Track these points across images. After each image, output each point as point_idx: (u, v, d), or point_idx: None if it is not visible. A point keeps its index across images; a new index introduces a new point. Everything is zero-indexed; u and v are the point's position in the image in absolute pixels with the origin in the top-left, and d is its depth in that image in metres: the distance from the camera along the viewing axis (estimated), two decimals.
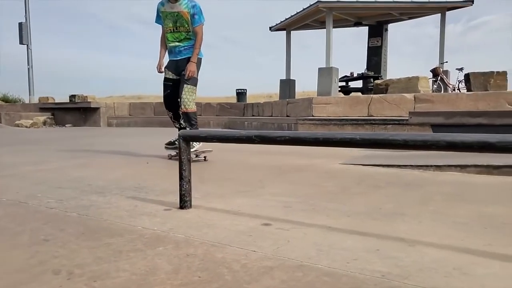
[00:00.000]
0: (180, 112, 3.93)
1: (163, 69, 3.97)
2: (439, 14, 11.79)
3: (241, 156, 4.28)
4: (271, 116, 9.99)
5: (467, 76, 8.66)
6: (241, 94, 14.79)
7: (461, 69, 10.89)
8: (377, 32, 13.20)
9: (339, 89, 11.78)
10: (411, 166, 3.28)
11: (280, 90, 13.92)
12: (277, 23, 13.53)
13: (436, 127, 4.41)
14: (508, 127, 3.94)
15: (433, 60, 11.84)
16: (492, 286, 1.12)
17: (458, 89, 10.66)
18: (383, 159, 3.66)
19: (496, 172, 3.07)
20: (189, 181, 1.96)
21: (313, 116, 7.36)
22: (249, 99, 15.11)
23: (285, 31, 13.93)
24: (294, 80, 14.05)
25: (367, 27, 13.44)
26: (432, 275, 1.19)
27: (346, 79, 12.49)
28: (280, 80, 13.99)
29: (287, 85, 13.65)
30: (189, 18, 3.76)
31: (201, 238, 1.53)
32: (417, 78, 8.25)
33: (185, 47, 3.88)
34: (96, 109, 13.17)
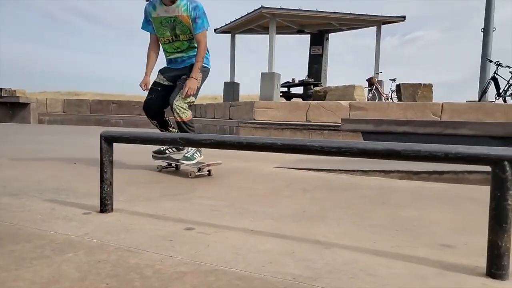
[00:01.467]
0: (168, 120, 3.38)
1: (149, 87, 3.26)
2: (376, 27, 12.48)
3: None
4: (214, 118, 9.94)
5: (398, 87, 9.23)
6: None
7: (394, 80, 11.59)
8: (318, 40, 13.66)
9: (281, 94, 12.02)
10: (340, 170, 3.42)
11: (224, 92, 13.91)
12: (222, 25, 13.53)
13: (366, 134, 4.65)
14: (429, 135, 4.26)
15: (371, 70, 12.49)
16: (393, 285, 1.19)
17: (391, 98, 11.33)
18: (316, 163, 3.77)
19: (415, 177, 3.30)
20: (111, 183, 1.88)
21: (254, 119, 7.44)
22: None
23: (230, 34, 13.97)
24: (238, 83, 14.12)
25: (309, 35, 13.86)
26: (341, 277, 1.24)
27: (288, 85, 12.79)
28: (224, 82, 13.98)
29: (231, 88, 13.68)
30: (190, 22, 3.09)
31: (118, 243, 1.47)
32: (353, 86, 8.67)
33: (190, 56, 3.23)
34: (25, 105, 12.26)
